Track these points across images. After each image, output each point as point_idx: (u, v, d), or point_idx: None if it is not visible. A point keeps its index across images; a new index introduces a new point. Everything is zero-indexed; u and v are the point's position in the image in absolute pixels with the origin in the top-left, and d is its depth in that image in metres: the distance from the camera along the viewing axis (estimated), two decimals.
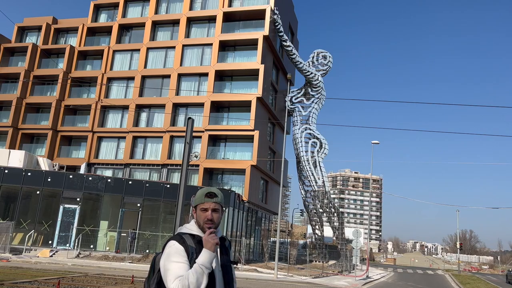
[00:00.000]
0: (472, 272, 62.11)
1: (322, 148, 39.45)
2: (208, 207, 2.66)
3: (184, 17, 39.40)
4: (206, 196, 2.68)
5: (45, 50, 42.54)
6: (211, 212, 2.65)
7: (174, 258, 2.47)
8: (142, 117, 39.02)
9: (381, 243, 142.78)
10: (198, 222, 2.68)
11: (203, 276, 2.40)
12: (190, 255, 2.50)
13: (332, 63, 41.22)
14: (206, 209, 2.66)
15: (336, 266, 35.88)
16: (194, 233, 2.64)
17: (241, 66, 36.72)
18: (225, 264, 2.67)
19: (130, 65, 40.72)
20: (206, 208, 2.66)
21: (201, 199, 2.69)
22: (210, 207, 2.66)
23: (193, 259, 2.48)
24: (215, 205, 2.68)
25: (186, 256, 2.49)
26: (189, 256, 2.50)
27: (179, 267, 2.43)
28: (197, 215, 2.69)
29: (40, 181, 28.84)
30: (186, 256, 2.49)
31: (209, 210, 2.66)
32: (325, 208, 39.18)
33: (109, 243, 28.78)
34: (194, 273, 2.37)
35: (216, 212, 2.68)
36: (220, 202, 2.71)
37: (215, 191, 2.70)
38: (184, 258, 2.48)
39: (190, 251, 2.52)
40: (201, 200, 2.69)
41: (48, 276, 15.61)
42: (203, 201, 2.68)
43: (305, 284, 22.08)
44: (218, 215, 2.69)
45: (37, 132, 40.69)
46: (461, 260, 68.14)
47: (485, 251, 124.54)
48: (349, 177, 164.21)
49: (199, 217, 2.67)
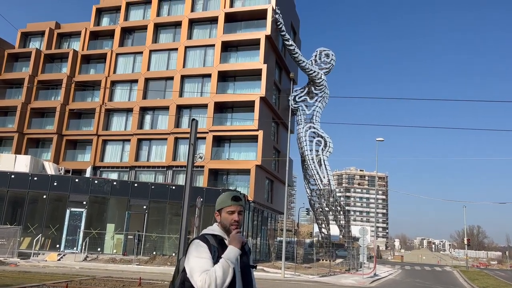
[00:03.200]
0: (481, 268, 61.78)
1: (327, 147, 39.39)
2: (235, 209, 2.81)
3: (186, 18, 39.46)
4: (232, 199, 2.83)
5: (48, 55, 42.77)
6: (237, 214, 2.81)
7: (199, 254, 2.60)
8: (146, 119, 39.12)
9: (388, 240, 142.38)
10: (223, 224, 2.82)
11: (229, 270, 2.52)
12: (212, 253, 2.62)
13: (335, 61, 41.19)
14: (233, 211, 2.81)
15: (343, 265, 35.80)
16: (216, 234, 2.78)
17: (244, 66, 36.71)
18: (244, 266, 2.79)
19: (133, 68, 40.84)
20: (233, 211, 2.81)
21: (227, 202, 2.84)
22: (237, 209, 2.82)
23: (215, 257, 2.60)
24: (240, 207, 2.84)
25: (209, 253, 2.61)
26: (212, 255, 2.62)
27: (205, 262, 2.56)
28: (222, 217, 2.83)
29: (46, 185, 28.99)
30: (209, 253, 2.61)
31: (236, 212, 2.81)
32: (331, 206, 39.10)
33: (116, 246, 28.86)
34: (220, 267, 2.50)
35: (240, 214, 2.85)
36: (244, 205, 2.89)
37: (239, 195, 2.86)
38: (208, 254, 2.60)
39: (213, 250, 2.65)
40: (227, 203, 2.83)
41: (56, 280, 15.68)
42: (229, 204, 2.82)
43: (313, 283, 22.05)
44: (242, 217, 2.87)
45: (42, 136, 40.92)
46: (469, 256, 67.76)
47: (493, 247, 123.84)
48: (355, 175, 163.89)
49: (225, 219, 2.82)
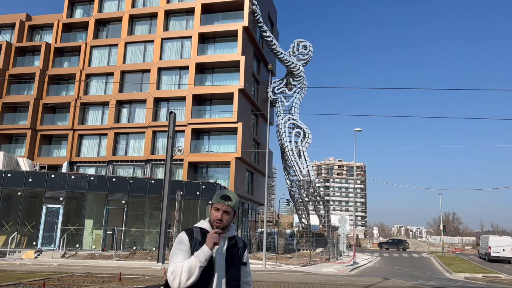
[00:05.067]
0: (456, 253, 63.53)
1: (306, 138, 39.67)
2: (220, 208, 2.85)
3: (161, 10, 38.85)
4: (221, 197, 2.87)
5: (19, 48, 41.50)
6: (221, 213, 2.84)
7: (179, 246, 2.75)
8: (123, 113, 38.52)
9: (367, 229, 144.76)
10: (210, 219, 2.90)
11: (196, 267, 2.60)
12: (193, 246, 2.74)
13: (312, 52, 41.38)
14: (218, 209, 2.85)
15: (323, 254, 36.29)
16: (203, 227, 2.89)
17: (222, 58, 36.48)
18: (230, 262, 2.85)
19: (108, 61, 40.04)
20: (219, 209, 2.85)
21: (216, 199, 2.89)
22: (222, 208, 2.85)
23: (195, 249, 2.71)
24: (227, 207, 2.85)
25: (189, 246, 2.74)
26: (192, 247, 2.73)
27: (180, 255, 2.69)
28: (210, 213, 2.91)
29: (21, 182, 28.28)
30: (189, 246, 2.74)
31: (220, 211, 2.84)
32: (311, 197, 39.48)
33: (95, 242, 28.49)
34: (188, 263, 2.61)
35: (227, 214, 2.86)
36: (233, 207, 2.88)
37: (230, 195, 2.89)
38: (187, 247, 2.73)
39: (194, 242, 2.76)
40: (216, 200, 2.89)
41: (33, 278, 15.37)
42: (217, 201, 2.87)
43: (294, 273, 22.28)
44: (228, 217, 2.87)
45: (15, 132, 39.80)
46: (445, 242, 69.59)
47: (467, 232, 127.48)
48: (334, 165, 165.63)
49: (211, 215, 2.88)
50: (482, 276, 25.63)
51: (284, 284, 15.80)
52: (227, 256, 2.85)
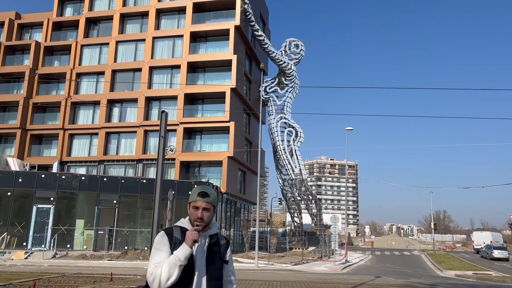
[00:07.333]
0: (447, 251, 64.16)
1: (298, 137, 39.74)
2: (199, 206, 2.75)
3: (153, 8, 38.65)
4: (198, 195, 2.77)
5: (9, 47, 41.03)
6: (201, 211, 2.74)
7: (158, 246, 2.67)
8: (115, 112, 38.27)
9: (358, 227, 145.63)
10: (190, 218, 2.81)
11: (175, 267, 2.53)
12: (173, 245, 2.66)
13: (304, 52, 41.43)
14: (197, 207, 2.75)
15: (315, 252, 36.39)
16: (182, 226, 2.80)
17: (214, 57, 36.40)
18: (211, 260, 2.76)
19: (99, 60, 39.75)
20: (198, 207, 2.75)
21: (193, 197, 2.79)
22: (201, 206, 2.75)
23: (175, 249, 2.63)
24: (206, 204, 2.76)
25: (169, 246, 2.66)
26: (172, 246, 2.66)
27: (160, 255, 2.62)
28: (189, 212, 2.81)
29: (10, 182, 27.96)
30: (169, 246, 2.66)
31: (200, 209, 2.75)
32: (303, 195, 39.57)
33: (86, 242, 28.29)
34: (167, 263, 2.54)
35: (207, 211, 2.76)
36: (211, 202, 2.79)
37: (207, 191, 2.79)
38: (166, 247, 2.66)
39: (174, 242, 2.68)
40: (193, 199, 2.79)
41: (23, 279, 15.22)
42: (195, 199, 2.77)
43: (286, 272, 22.33)
44: (208, 214, 2.77)
45: (5, 131, 39.35)
46: (436, 239, 70.18)
47: (458, 230, 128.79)
48: (325, 164, 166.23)
49: (191, 214, 2.79)
50: (472, 274, 25.89)
51: (276, 283, 15.82)
52: (208, 254, 2.75)
